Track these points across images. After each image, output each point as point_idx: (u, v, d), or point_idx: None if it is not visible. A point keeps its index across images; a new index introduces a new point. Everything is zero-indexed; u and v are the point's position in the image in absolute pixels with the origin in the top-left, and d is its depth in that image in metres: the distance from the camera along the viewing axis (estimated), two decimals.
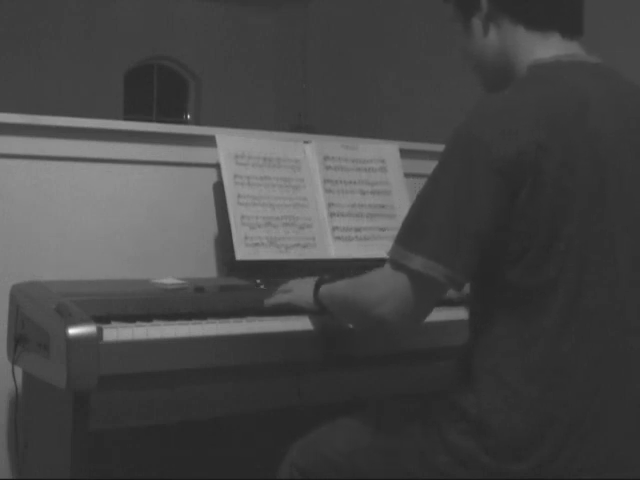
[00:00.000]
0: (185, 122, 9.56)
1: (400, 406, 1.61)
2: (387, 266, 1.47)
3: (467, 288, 1.55)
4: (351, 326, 1.75)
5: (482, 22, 1.57)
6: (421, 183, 1.50)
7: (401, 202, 2.39)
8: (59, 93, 8.16)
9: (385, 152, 2.44)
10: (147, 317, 1.71)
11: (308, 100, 8.75)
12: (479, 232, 1.40)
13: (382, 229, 2.34)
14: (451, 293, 1.51)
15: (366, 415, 1.63)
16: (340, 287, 1.67)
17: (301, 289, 1.81)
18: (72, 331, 1.55)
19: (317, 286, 1.74)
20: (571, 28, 1.55)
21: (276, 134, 2.47)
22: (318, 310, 1.76)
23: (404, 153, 2.49)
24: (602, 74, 1.53)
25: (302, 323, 1.82)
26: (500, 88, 1.50)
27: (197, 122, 9.29)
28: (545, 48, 1.53)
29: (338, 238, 2.26)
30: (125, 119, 8.25)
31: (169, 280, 2.01)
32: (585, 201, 1.42)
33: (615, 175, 1.45)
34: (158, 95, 9.60)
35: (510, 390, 1.43)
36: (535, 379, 1.42)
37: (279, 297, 1.86)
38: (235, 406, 2.15)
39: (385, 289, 1.47)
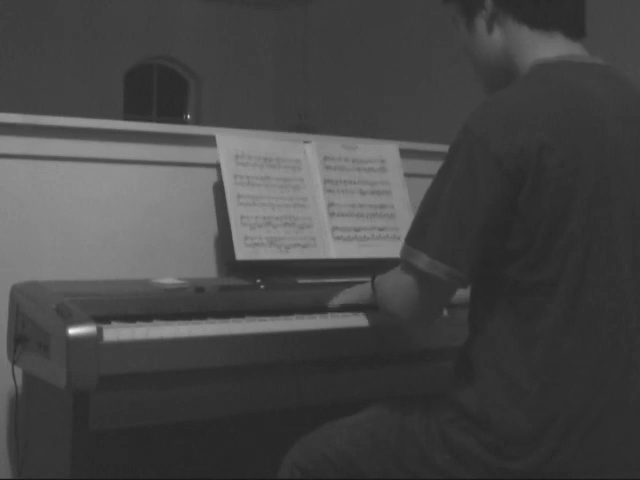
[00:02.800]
0: (185, 122, 9.55)
1: (400, 406, 1.61)
2: (400, 265, 1.52)
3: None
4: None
5: (486, 21, 1.58)
6: (421, 183, 1.51)
7: (401, 202, 2.38)
8: (59, 93, 8.15)
9: (385, 152, 2.44)
10: (147, 317, 1.71)
11: (308, 100, 8.75)
12: (481, 230, 1.41)
13: (382, 229, 2.34)
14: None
15: (366, 415, 1.63)
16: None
17: (361, 289, 1.84)
18: (72, 331, 1.56)
19: (372, 285, 1.76)
20: (574, 29, 1.56)
21: (276, 134, 2.47)
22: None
23: (404, 153, 2.48)
24: (605, 74, 1.53)
25: (302, 323, 1.82)
26: (502, 88, 1.50)
27: (197, 122, 9.28)
28: (548, 48, 1.53)
29: (338, 238, 2.26)
30: (125, 119, 8.24)
31: (169, 280, 2.00)
32: (587, 200, 1.42)
33: (618, 175, 1.45)
34: (158, 95, 9.59)
35: (512, 387, 1.43)
36: (536, 377, 1.42)
37: (342, 297, 1.90)
38: (235, 406, 2.15)
39: (394, 286, 1.54)
